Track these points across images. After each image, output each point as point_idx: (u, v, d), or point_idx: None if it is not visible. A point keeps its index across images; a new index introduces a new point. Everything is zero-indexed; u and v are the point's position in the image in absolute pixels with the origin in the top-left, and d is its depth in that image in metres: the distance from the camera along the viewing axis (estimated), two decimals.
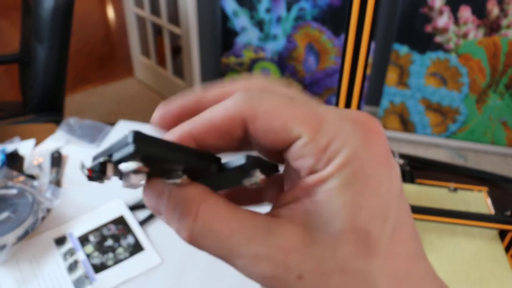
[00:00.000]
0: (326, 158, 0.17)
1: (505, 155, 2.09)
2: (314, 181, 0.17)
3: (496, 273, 0.62)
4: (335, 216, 0.17)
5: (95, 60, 2.89)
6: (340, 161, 0.17)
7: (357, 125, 0.18)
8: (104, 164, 0.17)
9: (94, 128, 0.92)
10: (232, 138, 0.19)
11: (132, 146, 0.16)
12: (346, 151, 0.17)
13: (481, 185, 0.79)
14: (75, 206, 0.74)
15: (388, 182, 0.17)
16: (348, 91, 0.56)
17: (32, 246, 0.66)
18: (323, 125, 0.17)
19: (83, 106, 2.39)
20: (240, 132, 0.18)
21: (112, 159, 0.17)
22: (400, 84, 2.01)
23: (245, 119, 0.18)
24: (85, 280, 0.62)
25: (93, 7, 3.60)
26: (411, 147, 2.11)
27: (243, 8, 1.98)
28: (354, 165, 0.17)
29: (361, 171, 0.17)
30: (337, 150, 0.17)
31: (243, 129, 0.18)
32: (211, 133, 0.18)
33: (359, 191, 0.17)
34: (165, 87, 2.48)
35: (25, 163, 0.82)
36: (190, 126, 0.19)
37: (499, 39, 1.82)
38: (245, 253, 0.17)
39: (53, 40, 1.25)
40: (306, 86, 2.11)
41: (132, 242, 0.67)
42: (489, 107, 1.97)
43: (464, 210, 0.70)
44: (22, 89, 1.49)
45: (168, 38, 2.28)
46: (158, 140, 0.17)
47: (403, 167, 0.80)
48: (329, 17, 1.93)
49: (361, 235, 0.17)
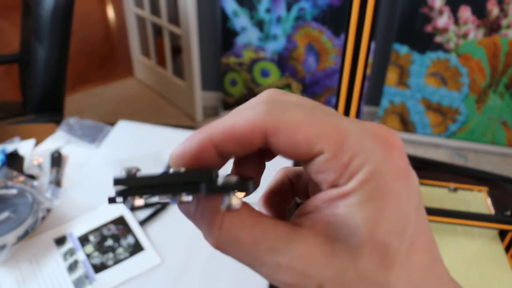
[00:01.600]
0: (348, 174, 0.17)
1: (505, 155, 2.09)
2: (335, 195, 0.18)
3: (496, 273, 0.62)
4: (356, 229, 0.17)
5: (95, 60, 2.89)
6: (362, 178, 0.17)
7: (378, 140, 0.18)
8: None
9: (94, 128, 0.92)
10: (252, 147, 0.19)
11: (119, 198, 0.18)
12: (368, 167, 0.17)
13: (481, 185, 0.79)
14: (75, 206, 0.74)
15: (407, 197, 0.18)
16: (348, 91, 0.56)
17: (32, 246, 0.66)
18: (345, 141, 0.18)
19: (83, 106, 2.39)
20: (261, 142, 0.18)
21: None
22: (400, 84, 2.01)
23: (266, 131, 0.18)
24: (85, 280, 0.62)
25: (93, 7, 3.60)
26: (411, 147, 2.12)
27: (243, 8, 1.98)
28: (375, 182, 0.17)
29: (382, 188, 0.17)
30: (359, 166, 0.17)
31: (263, 139, 0.18)
32: (231, 141, 0.19)
33: (379, 207, 0.17)
34: (165, 87, 2.48)
35: (25, 163, 0.82)
36: (210, 132, 0.19)
37: (499, 39, 1.82)
38: (267, 262, 0.18)
39: (53, 40, 1.25)
40: (306, 86, 2.11)
41: (132, 242, 0.67)
42: (489, 107, 1.98)
43: (464, 210, 0.70)
44: (22, 89, 1.49)
45: (168, 38, 2.28)
46: (141, 179, 0.18)
47: None
48: (329, 17, 1.93)
49: (380, 248, 0.17)
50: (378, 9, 0.50)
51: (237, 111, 0.19)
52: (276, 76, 2.12)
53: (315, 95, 2.12)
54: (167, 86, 2.45)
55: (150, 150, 0.88)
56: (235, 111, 0.19)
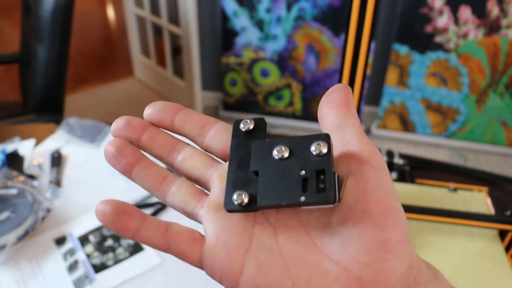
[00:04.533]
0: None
1: (505, 155, 2.09)
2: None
3: (496, 273, 0.62)
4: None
5: (95, 60, 2.89)
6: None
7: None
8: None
9: (94, 128, 0.92)
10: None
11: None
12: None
13: (481, 185, 0.79)
14: (75, 206, 0.74)
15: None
16: None
17: (32, 246, 0.66)
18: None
19: (83, 106, 2.38)
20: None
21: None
22: (400, 84, 2.01)
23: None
24: (85, 280, 0.62)
25: (93, 7, 3.60)
26: (411, 147, 2.12)
27: (243, 8, 1.98)
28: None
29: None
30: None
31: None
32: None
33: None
34: (165, 87, 2.48)
35: (25, 163, 0.82)
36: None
37: (499, 39, 1.82)
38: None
39: (53, 40, 1.25)
40: (306, 86, 2.11)
41: (132, 242, 0.67)
42: (489, 107, 1.97)
43: (464, 210, 0.70)
44: (22, 89, 1.49)
45: (168, 38, 2.28)
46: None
47: (403, 167, 0.80)
48: (329, 17, 1.93)
49: None
50: (378, 9, 0.50)
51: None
52: (276, 76, 2.12)
53: (315, 95, 2.12)
54: (167, 86, 2.45)
55: None
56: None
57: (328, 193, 0.19)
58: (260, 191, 0.20)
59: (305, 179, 0.20)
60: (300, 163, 0.20)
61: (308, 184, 0.20)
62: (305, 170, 0.20)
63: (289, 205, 0.20)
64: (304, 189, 0.20)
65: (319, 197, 0.19)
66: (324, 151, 0.20)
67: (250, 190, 0.21)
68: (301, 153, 0.20)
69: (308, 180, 0.20)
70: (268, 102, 2.20)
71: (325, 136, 0.20)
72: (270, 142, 0.21)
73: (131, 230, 0.22)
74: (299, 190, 0.20)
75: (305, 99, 2.14)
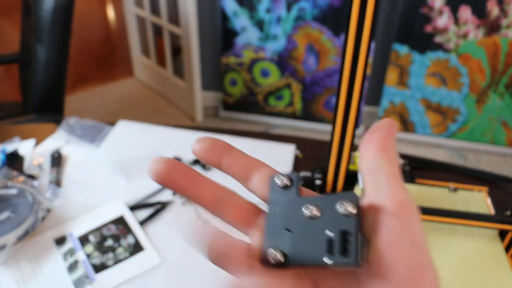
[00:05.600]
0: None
1: (505, 155, 2.09)
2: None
3: (496, 273, 0.62)
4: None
5: (95, 60, 2.89)
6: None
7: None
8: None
9: (94, 128, 0.92)
10: None
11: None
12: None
13: (481, 185, 0.79)
14: (75, 206, 0.74)
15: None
16: (348, 91, 0.56)
17: (32, 246, 0.66)
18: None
19: (83, 106, 2.39)
20: None
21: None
22: (400, 84, 2.01)
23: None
24: (85, 280, 0.62)
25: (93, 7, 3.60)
26: (411, 147, 2.12)
27: (243, 8, 1.98)
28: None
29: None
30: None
31: None
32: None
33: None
34: (165, 87, 2.48)
35: (25, 163, 0.82)
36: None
37: (499, 39, 1.82)
38: None
39: (53, 40, 1.25)
40: (306, 86, 2.11)
41: (132, 242, 0.67)
42: (489, 107, 1.98)
43: (464, 210, 0.70)
44: (22, 89, 1.49)
45: (168, 38, 2.28)
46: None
47: (403, 167, 0.80)
48: (329, 17, 1.93)
49: None
50: (378, 9, 0.50)
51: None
52: (276, 76, 2.12)
53: (315, 95, 2.12)
54: (167, 86, 2.45)
55: (150, 150, 0.88)
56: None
57: (351, 258, 0.20)
58: (291, 249, 0.22)
59: (331, 240, 0.21)
60: (327, 222, 0.21)
61: (333, 245, 0.20)
62: (331, 230, 0.21)
63: (315, 265, 0.21)
64: (330, 249, 0.20)
65: (342, 260, 0.20)
66: (350, 212, 0.20)
67: (283, 247, 0.22)
68: (329, 212, 0.21)
69: (333, 241, 0.20)
70: (268, 102, 2.20)
71: (353, 196, 0.21)
72: (302, 200, 0.23)
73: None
74: (324, 251, 0.20)
75: (305, 99, 2.14)
